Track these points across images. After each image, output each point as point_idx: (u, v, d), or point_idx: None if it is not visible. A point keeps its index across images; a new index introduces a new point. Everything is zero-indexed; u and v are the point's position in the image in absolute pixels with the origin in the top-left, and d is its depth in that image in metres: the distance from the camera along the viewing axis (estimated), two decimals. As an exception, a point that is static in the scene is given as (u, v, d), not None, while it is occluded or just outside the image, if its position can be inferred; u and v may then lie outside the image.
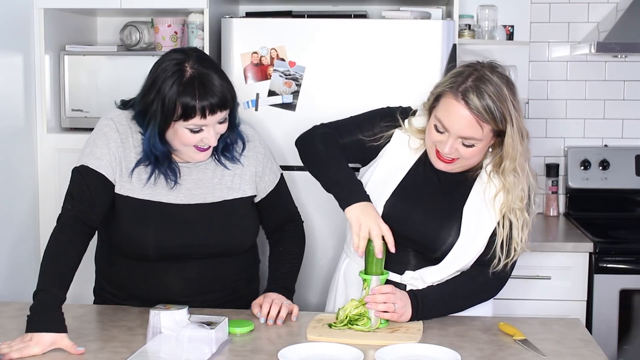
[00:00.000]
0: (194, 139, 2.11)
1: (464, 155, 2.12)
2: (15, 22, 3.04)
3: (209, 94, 2.07)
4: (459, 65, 2.22)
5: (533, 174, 2.19)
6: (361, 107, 2.55)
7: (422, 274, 2.20)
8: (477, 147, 2.11)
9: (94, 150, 2.18)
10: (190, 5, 3.16)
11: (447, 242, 2.18)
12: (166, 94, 2.07)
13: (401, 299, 2.09)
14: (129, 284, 2.26)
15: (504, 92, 2.07)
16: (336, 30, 3.02)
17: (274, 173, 2.38)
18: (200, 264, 2.23)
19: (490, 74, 2.09)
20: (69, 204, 2.14)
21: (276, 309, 2.14)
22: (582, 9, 3.68)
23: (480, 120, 2.06)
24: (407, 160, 2.26)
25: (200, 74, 2.08)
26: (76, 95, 3.24)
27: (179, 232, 2.19)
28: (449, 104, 2.09)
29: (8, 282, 2.93)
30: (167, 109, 2.07)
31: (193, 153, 2.16)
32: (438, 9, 3.34)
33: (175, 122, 2.08)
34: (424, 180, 2.24)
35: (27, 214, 3.11)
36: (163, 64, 2.12)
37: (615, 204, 3.67)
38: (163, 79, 2.08)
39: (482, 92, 2.05)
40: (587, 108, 3.71)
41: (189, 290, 2.22)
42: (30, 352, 1.88)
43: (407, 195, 2.23)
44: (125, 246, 2.21)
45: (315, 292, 3.04)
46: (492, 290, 2.23)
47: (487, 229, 2.17)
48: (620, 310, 3.14)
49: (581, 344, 2.02)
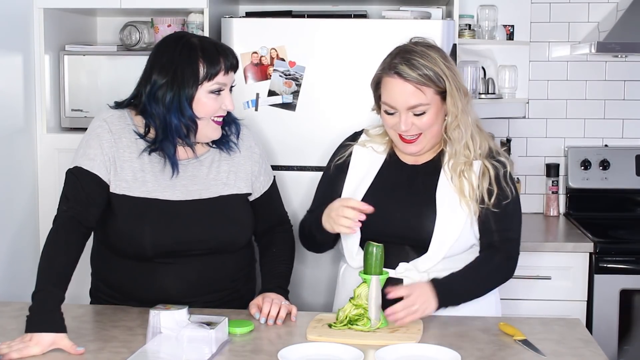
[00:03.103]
0: (216, 103, 2.18)
1: (421, 126, 2.19)
2: (15, 22, 3.04)
3: (226, 50, 2.21)
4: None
5: (484, 135, 2.27)
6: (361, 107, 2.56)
7: (415, 264, 2.22)
8: (428, 113, 2.18)
9: (87, 152, 2.19)
10: (190, 5, 3.16)
11: (432, 229, 2.21)
12: (186, 62, 2.15)
13: (420, 296, 2.10)
14: (126, 285, 2.26)
15: (431, 56, 2.18)
16: (336, 30, 3.01)
17: (268, 175, 2.40)
18: (198, 263, 2.23)
19: (415, 45, 2.22)
20: (65, 205, 2.15)
21: (276, 309, 2.14)
22: (582, 9, 3.68)
23: (418, 84, 2.15)
24: (373, 163, 2.33)
25: (207, 40, 2.23)
26: (76, 95, 3.24)
27: (176, 229, 2.20)
28: (386, 83, 2.20)
29: (8, 282, 2.93)
30: (190, 76, 2.14)
31: (211, 130, 2.22)
32: (438, 9, 3.34)
33: (201, 85, 2.15)
34: (394, 177, 2.30)
35: (26, 213, 3.11)
36: (166, 46, 2.21)
37: (616, 204, 3.66)
38: (175, 53, 2.17)
39: (409, 60, 2.16)
40: (587, 108, 3.71)
41: (187, 291, 2.22)
42: (30, 352, 1.88)
43: (381, 195, 2.27)
44: (122, 245, 2.21)
45: (314, 293, 3.03)
46: (508, 270, 2.27)
47: (460, 208, 2.22)
48: (621, 310, 3.14)
49: (581, 344, 2.02)
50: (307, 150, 3.02)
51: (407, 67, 2.16)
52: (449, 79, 2.17)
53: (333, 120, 2.98)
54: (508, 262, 2.26)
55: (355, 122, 2.54)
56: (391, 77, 2.18)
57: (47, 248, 2.08)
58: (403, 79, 2.16)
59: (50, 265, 2.03)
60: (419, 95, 2.16)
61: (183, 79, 2.15)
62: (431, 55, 2.18)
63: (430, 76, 2.16)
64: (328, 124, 2.97)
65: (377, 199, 2.25)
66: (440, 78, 2.16)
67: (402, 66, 2.16)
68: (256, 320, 2.14)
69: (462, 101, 2.20)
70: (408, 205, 2.25)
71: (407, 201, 2.26)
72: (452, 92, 2.18)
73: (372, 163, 2.33)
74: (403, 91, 2.17)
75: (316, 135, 3.00)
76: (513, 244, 2.27)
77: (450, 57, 2.25)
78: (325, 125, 2.98)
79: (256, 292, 2.33)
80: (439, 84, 2.17)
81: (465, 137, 2.22)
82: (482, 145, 2.25)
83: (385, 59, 2.24)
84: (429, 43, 2.24)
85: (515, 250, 2.27)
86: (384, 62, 2.23)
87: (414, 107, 2.17)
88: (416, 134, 2.21)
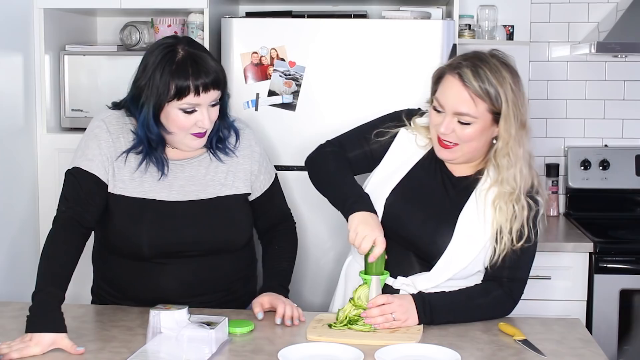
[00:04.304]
0: (188, 121, 2.12)
1: (461, 137, 2.11)
2: (15, 22, 3.04)
3: (202, 71, 2.10)
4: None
5: (532, 173, 2.15)
6: (361, 107, 2.57)
7: (413, 280, 2.19)
8: (473, 127, 2.09)
9: (86, 152, 2.19)
10: (190, 5, 3.16)
11: (443, 250, 2.16)
12: (159, 75, 2.09)
13: (401, 306, 2.07)
14: (126, 284, 2.26)
15: (501, 72, 2.08)
16: (336, 30, 3.02)
17: (269, 173, 2.39)
18: (195, 264, 2.23)
19: (491, 57, 2.12)
20: (64, 205, 2.16)
21: (290, 310, 2.13)
22: (582, 9, 3.68)
23: (475, 95, 2.07)
24: (412, 156, 2.25)
25: (192, 54, 2.12)
26: (76, 95, 3.24)
27: (173, 229, 2.20)
28: (445, 80, 2.12)
29: (8, 282, 2.93)
30: (160, 90, 2.09)
31: (189, 140, 2.17)
32: (438, 9, 3.34)
33: (169, 102, 2.10)
34: (427, 176, 2.23)
35: (27, 213, 3.11)
36: (154, 49, 2.15)
37: (615, 204, 3.66)
38: (155, 62, 2.11)
39: (477, 69, 2.08)
40: (587, 108, 3.71)
41: (185, 292, 2.22)
42: (30, 352, 1.88)
43: (408, 194, 2.22)
44: (120, 245, 2.21)
45: (316, 293, 3.04)
46: (503, 307, 2.18)
47: (481, 237, 2.14)
48: (620, 310, 3.14)
49: (581, 344, 2.02)
50: (307, 150, 2.99)
51: (471, 74, 2.07)
52: (508, 103, 2.07)
53: (333, 120, 2.97)
54: (507, 302, 2.18)
55: (355, 122, 2.54)
56: (452, 76, 2.10)
57: (46, 248, 2.08)
58: (462, 83, 2.07)
59: (49, 266, 2.03)
60: (470, 105, 2.07)
61: (150, 94, 2.10)
62: (502, 73, 2.08)
63: (489, 92, 2.07)
64: (328, 124, 2.97)
65: (401, 197, 2.21)
66: (499, 98, 2.07)
67: (467, 70, 2.08)
68: (257, 320, 2.13)
69: (516, 130, 2.10)
70: (428, 216, 2.18)
71: (429, 211, 2.19)
72: (507, 117, 2.08)
73: (411, 156, 2.25)
74: (457, 95, 2.08)
75: (316, 135, 2.99)
76: (519, 284, 2.18)
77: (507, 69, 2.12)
78: (325, 125, 2.98)
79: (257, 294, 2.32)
80: (495, 104, 2.07)
81: (514, 168, 2.11)
82: (528, 182, 2.14)
83: (456, 57, 2.17)
84: (506, 61, 2.14)
85: (519, 291, 2.18)
86: (454, 59, 2.15)
87: (461, 115, 2.08)
88: (453, 142, 2.13)
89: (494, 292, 2.16)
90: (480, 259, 2.16)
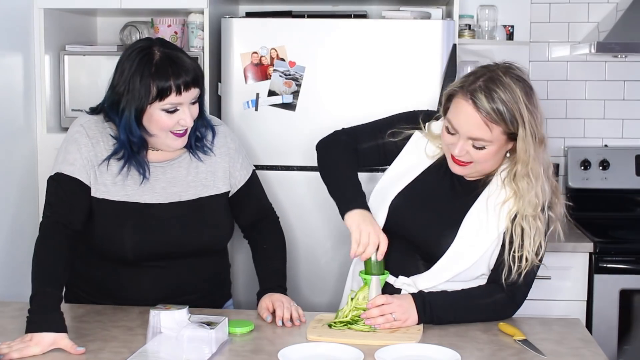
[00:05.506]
0: (170, 120, 2.12)
1: (476, 159, 2.07)
2: (15, 22, 3.04)
3: (182, 70, 2.10)
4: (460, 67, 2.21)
5: (551, 184, 2.13)
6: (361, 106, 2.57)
7: (414, 280, 2.18)
8: (488, 149, 2.05)
9: (67, 157, 2.19)
10: (190, 5, 3.16)
11: (445, 249, 2.15)
12: (139, 79, 2.09)
13: (400, 306, 2.07)
14: (102, 283, 2.26)
15: (516, 93, 2.01)
16: (336, 30, 3.02)
17: (245, 168, 2.37)
18: (177, 266, 2.23)
19: (503, 75, 2.03)
20: (48, 211, 2.15)
21: (289, 312, 2.14)
22: (582, 9, 3.68)
23: (489, 121, 2.01)
24: (419, 164, 2.24)
25: (168, 54, 2.12)
26: (76, 95, 3.24)
27: (156, 232, 2.19)
28: (457, 103, 2.05)
29: (8, 282, 2.93)
30: (142, 93, 2.09)
31: (171, 140, 2.17)
32: (438, 9, 3.34)
33: (151, 104, 2.10)
34: (436, 182, 2.21)
35: (27, 213, 3.10)
36: (130, 54, 2.14)
37: (615, 204, 3.66)
38: (132, 66, 2.11)
39: (491, 92, 2.00)
40: (587, 108, 3.71)
41: (162, 292, 2.22)
42: (30, 352, 1.88)
43: (413, 198, 2.21)
44: (103, 248, 2.21)
45: (315, 292, 3.04)
46: (505, 311, 2.17)
47: (485, 240, 2.13)
48: (620, 310, 3.14)
49: (581, 344, 2.02)
50: (307, 150, 3.01)
51: (484, 97, 1.99)
52: (524, 124, 2.01)
53: (333, 120, 2.96)
54: (509, 305, 2.16)
55: (355, 122, 2.53)
56: (465, 99, 2.02)
57: (37, 253, 2.08)
58: (475, 107, 2.00)
59: (42, 268, 2.04)
60: (484, 130, 2.01)
61: (131, 98, 2.10)
62: (516, 92, 2.00)
63: (503, 114, 2.00)
64: (328, 124, 2.95)
65: (408, 200, 2.20)
66: (514, 121, 2.01)
67: (481, 95, 2.00)
68: (257, 320, 2.13)
69: (535, 148, 2.04)
70: (433, 218, 2.17)
71: (434, 214, 2.18)
72: (525, 139, 2.02)
73: (418, 163, 2.24)
74: (470, 120, 2.02)
75: (316, 135, 2.99)
76: (522, 290, 2.16)
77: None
78: (325, 125, 2.97)
79: (232, 296, 2.33)
80: (510, 126, 2.01)
81: (535, 188, 2.06)
82: (548, 196, 2.10)
83: (468, 76, 2.07)
84: (519, 75, 2.06)
85: (522, 296, 2.16)
86: (467, 78, 2.06)
87: (475, 140, 2.03)
88: (467, 161, 2.09)
89: (496, 295, 2.14)
90: (484, 261, 2.14)
